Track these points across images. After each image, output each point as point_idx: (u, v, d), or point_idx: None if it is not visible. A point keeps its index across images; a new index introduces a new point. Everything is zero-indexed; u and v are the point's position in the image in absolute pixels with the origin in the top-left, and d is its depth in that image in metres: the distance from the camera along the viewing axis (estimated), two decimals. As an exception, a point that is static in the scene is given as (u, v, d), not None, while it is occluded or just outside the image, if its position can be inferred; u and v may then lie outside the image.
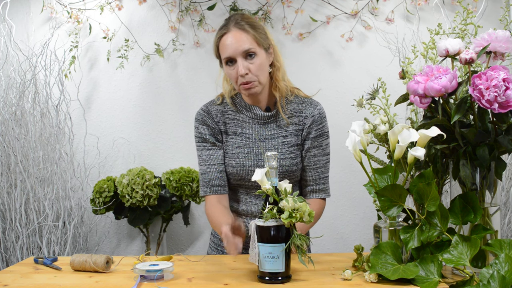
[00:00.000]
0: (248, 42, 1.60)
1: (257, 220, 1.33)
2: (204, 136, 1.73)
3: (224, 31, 1.63)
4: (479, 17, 2.71)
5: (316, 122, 1.72)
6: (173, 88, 2.93)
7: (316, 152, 1.72)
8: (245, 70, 1.60)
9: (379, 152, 1.60)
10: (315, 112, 1.72)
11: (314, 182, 1.74)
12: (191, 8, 2.87)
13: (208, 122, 1.74)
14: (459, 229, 1.37)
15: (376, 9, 2.84)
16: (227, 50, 1.62)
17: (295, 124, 1.72)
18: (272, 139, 1.71)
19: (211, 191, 1.71)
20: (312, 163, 1.72)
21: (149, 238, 2.79)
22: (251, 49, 1.60)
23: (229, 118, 1.74)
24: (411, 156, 1.29)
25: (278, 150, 1.70)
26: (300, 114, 1.72)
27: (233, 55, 1.61)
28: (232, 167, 1.71)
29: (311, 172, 1.73)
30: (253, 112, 1.72)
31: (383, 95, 1.54)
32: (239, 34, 1.61)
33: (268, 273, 1.30)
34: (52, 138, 2.68)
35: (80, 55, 2.89)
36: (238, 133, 1.72)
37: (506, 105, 1.28)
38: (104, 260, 1.46)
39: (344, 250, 2.78)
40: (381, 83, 1.56)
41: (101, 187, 2.62)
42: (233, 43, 1.60)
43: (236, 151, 1.72)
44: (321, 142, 1.73)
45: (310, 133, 1.71)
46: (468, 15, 1.52)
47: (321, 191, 1.75)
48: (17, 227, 2.55)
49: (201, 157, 1.74)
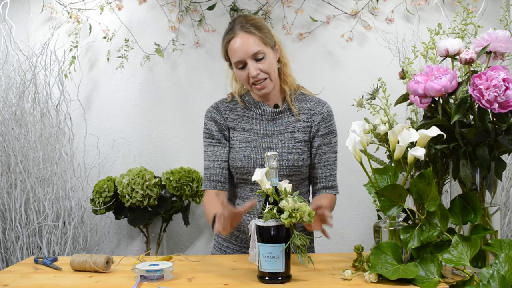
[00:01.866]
0: (256, 45, 1.65)
1: (257, 220, 1.33)
2: (211, 132, 1.77)
3: (232, 36, 1.67)
4: (479, 17, 2.71)
5: (325, 119, 1.76)
6: (173, 88, 2.93)
7: (326, 150, 1.76)
8: (257, 71, 1.66)
9: (379, 152, 1.60)
10: (324, 110, 1.77)
11: (325, 179, 1.77)
12: (191, 8, 2.87)
13: (216, 118, 1.78)
14: (459, 229, 1.37)
15: (376, 9, 2.84)
16: (236, 54, 1.66)
17: (303, 121, 1.76)
18: (279, 134, 1.74)
19: (211, 186, 1.75)
20: (323, 160, 1.76)
21: (149, 238, 2.79)
22: (260, 50, 1.65)
23: (238, 115, 1.78)
24: (411, 156, 1.29)
25: (285, 144, 1.73)
26: (309, 111, 1.77)
27: (243, 58, 1.66)
28: (239, 160, 1.74)
29: (322, 169, 1.76)
30: (261, 109, 1.76)
31: (383, 95, 1.54)
32: (246, 38, 1.65)
33: (268, 273, 1.30)
34: (52, 138, 2.68)
35: (80, 55, 2.89)
36: (246, 129, 1.76)
37: (506, 105, 1.28)
38: (104, 260, 1.46)
39: (344, 250, 2.78)
40: (381, 83, 1.56)
41: (101, 187, 2.63)
42: (241, 46, 1.65)
43: (243, 145, 1.75)
44: (330, 139, 1.77)
45: (319, 130, 1.75)
46: (468, 15, 1.52)
47: (332, 188, 1.78)
48: (17, 227, 2.55)
49: (206, 152, 1.78)
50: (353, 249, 1.46)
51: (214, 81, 2.89)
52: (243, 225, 1.75)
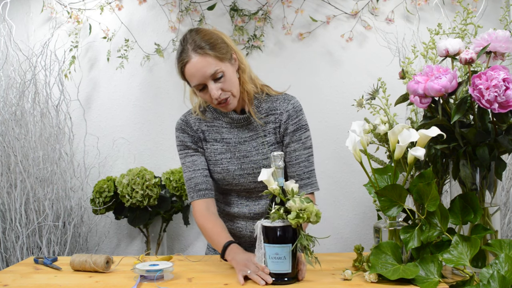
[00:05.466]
0: (212, 65, 1.56)
1: (264, 221, 1.32)
2: (185, 143, 1.75)
3: (186, 59, 1.58)
4: (479, 17, 2.71)
5: (291, 116, 1.69)
6: (173, 88, 2.93)
7: (296, 147, 1.69)
8: (218, 92, 1.58)
9: (379, 152, 1.60)
10: (289, 107, 1.69)
11: (298, 177, 1.69)
12: (191, 8, 2.87)
13: (187, 130, 1.75)
14: (459, 229, 1.37)
15: (376, 9, 2.84)
16: (194, 79, 1.59)
17: (272, 122, 1.70)
18: (251, 141, 1.71)
19: (198, 195, 1.70)
20: (294, 158, 1.69)
21: (149, 238, 2.79)
22: (217, 70, 1.57)
23: (207, 126, 1.75)
24: (411, 156, 1.29)
25: (258, 150, 1.70)
26: (275, 111, 1.70)
27: (202, 82, 1.58)
28: (218, 173, 1.72)
29: (294, 167, 1.69)
30: (229, 117, 1.72)
31: (383, 95, 1.54)
32: (201, 60, 1.56)
33: (274, 274, 1.30)
34: (52, 138, 2.68)
35: (80, 55, 2.89)
36: (218, 139, 1.73)
37: (506, 105, 1.28)
38: (104, 260, 1.46)
39: (344, 250, 2.78)
40: (381, 83, 1.56)
41: (101, 187, 2.63)
42: (198, 71, 1.57)
43: (219, 157, 1.72)
44: (300, 135, 1.69)
45: (287, 128, 1.69)
46: (468, 15, 1.52)
47: (307, 186, 1.70)
48: (17, 227, 2.55)
49: (185, 164, 1.74)
50: (353, 249, 1.46)
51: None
52: (238, 231, 1.75)
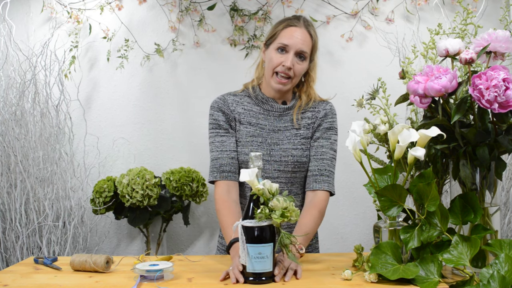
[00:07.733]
0: (308, 46, 1.72)
1: (244, 221, 1.32)
2: (218, 122, 1.77)
3: (295, 24, 1.73)
4: (479, 17, 2.71)
5: (327, 115, 1.79)
6: (173, 88, 2.93)
7: (324, 143, 1.76)
8: (291, 65, 1.69)
9: (379, 152, 1.60)
10: (327, 107, 1.81)
11: (319, 172, 1.73)
12: (191, 8, 2.87)
13: (223, 108, 1.78)
14: (459, 229, 1.37)
15: (376, 9, 2.84)
16: (289, 40, 1.70)
17: (308, 118, 1.78)
18: (285, 131, 1.76)
19: (221, 176, 1.71)
20: (320, 153, 1.75)
21: (149, 238, 2.79)
22: (306, 53, 1.72)
23: (244, 109, 1.78)
24: (411, 156, 1.29)
25: (290, 140, 1.75)
26: (313, 109, 1.80)
27: (291, 47, 1.69)
28: (245, 155, 1.74)
29: (317, 162, 1.74)
30: (269, 104, 1.78)
31: (383, 95, 1.54)
32: (305, 34, 1.72)
33: (257, 273, 1.29)
34: (52, 138, 2.68)
35: (80, 55, 2.89)
36: (252, 123, 1.77)
37: (506, 105, 1.28)
38: (104, 260, 1.46)
39: (344, 250, 2.78)
40: (381, 83, 1.56)
41: (101, 187, 2.62)
42: (298, 37, 1.70)
43: (250, 139, 1.75)
44: (330, 135, 1.78)
45: (321, 124, 1.78)
46: (468, 15, 1.52)
47: (325, 182, 1.72)
48: (17, 227, 2.55)
49: (213, 143, 1.76)
50: (353, 249, 1.46)
51: (214, 81, 2.89)
52: None
